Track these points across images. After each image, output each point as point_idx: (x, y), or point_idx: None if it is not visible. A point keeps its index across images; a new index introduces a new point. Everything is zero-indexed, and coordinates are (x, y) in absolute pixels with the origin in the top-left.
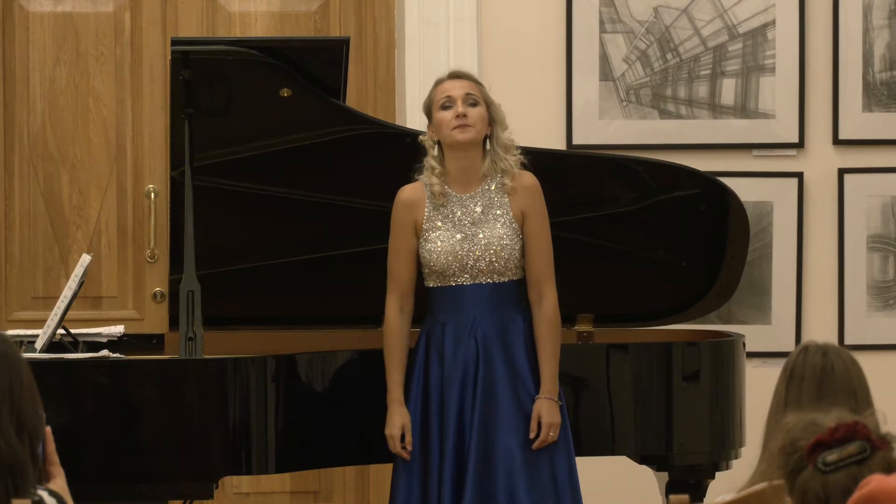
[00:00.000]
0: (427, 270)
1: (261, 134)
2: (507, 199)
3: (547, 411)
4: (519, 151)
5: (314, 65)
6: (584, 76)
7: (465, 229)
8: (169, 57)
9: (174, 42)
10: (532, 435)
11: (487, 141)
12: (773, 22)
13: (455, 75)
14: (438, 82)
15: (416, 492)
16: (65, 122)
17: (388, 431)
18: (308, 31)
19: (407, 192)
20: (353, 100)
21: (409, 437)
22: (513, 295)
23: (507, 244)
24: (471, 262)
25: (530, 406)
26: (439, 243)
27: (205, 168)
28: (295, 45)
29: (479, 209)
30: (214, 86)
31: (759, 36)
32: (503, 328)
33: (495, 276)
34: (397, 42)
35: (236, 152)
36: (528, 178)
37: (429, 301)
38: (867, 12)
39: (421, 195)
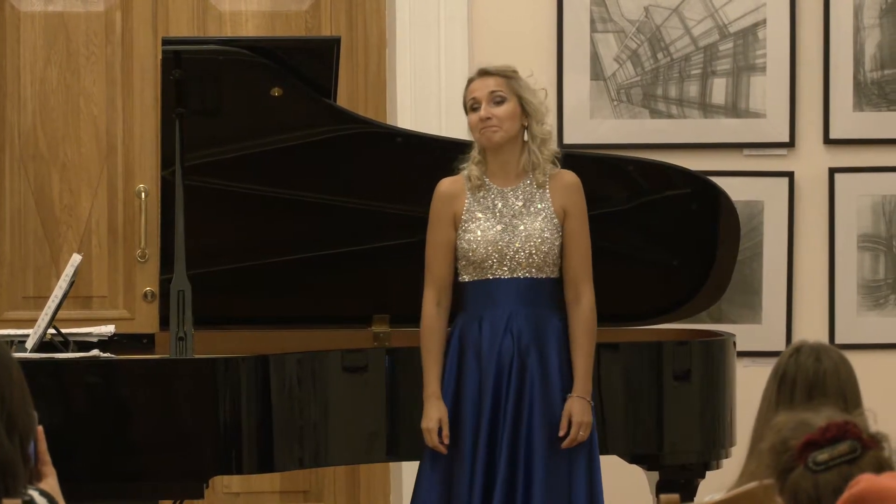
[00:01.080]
0: (464, 262)
1: (252, 133)
2: (548, 195)
3: (579, 410)
4: (555, 145)
5: (305, 64)
6: (575, 76)
7: (506, 221)
8: (160, 56)
9: (165, 42)
10: (562, 433)
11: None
12: (764, 21)
13: (483, 72)
14: (469, 81)
15: (436, 489)
16: (55, 121)
17: (424, 425)
18: (299, 30)
19: (446, 185)
20: (343, 99)
21: (445, 431)
22: (550, 293)
23: (547, 237)
24: (510, 254)
25: (558, 408)
26: (479, 233)
27: (195, 168)
28: (286, 45)
29: (520, 203)
30: (205, 85)
31: (749, 35)
32: (539, 327)
33: (533, 270)
34: (388, 41)
35: (227, 152)
36: (570, 176)
37: (463, 296)
38: (858, 12)
39: (461, 187)
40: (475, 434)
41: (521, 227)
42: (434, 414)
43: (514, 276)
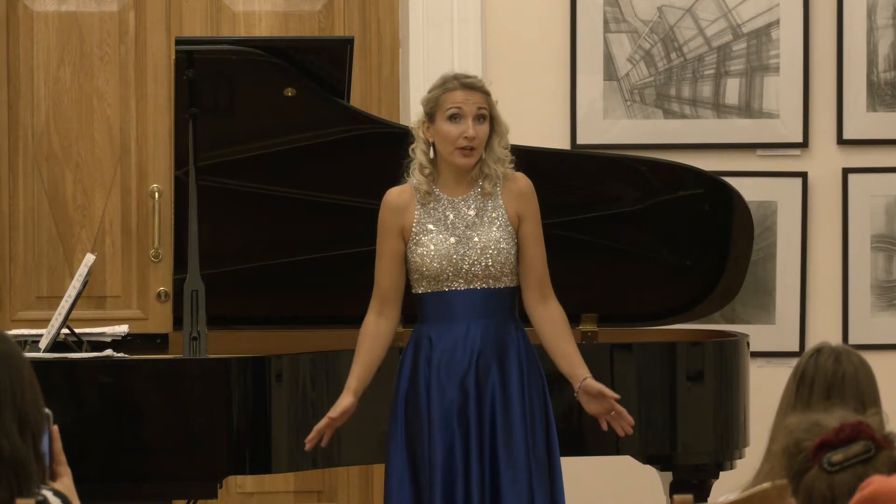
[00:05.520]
0: (417, 276)
1: (265, 133)
2: (501, 201)
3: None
4: (510, 160)
5: (318, 64)
6: (589, 76)
7: (459, 232)
8: (173, 56)
9: (178, 42)
10: (615, 402)
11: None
12: (778, 22)
13: (469, 85)
14: (448, 88)
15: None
16: (69, 121)
17: (329, 413)
18: (312, 30)
19: (394, 195)
20: (356, 99)
21: (340, 422)
22: (507, 303)
23: (503, 248)
24: (466, 267)
25: (518, 425)
26: (432, 247)
27: (209, 168)
28: (299, 45)
29: (472, 212)
30: (218, 85)
31: (763, 36)
32: (498, 339)
33: (490, 281)
34: (401, 41)
35: (240, 152)
36: (523, 180)
37: (418, 308)
38: (871, 12)
39: (409, 197)
40: (430, 448)
41: (476, 239)
42: (341, 404)
43: (471, 287)
